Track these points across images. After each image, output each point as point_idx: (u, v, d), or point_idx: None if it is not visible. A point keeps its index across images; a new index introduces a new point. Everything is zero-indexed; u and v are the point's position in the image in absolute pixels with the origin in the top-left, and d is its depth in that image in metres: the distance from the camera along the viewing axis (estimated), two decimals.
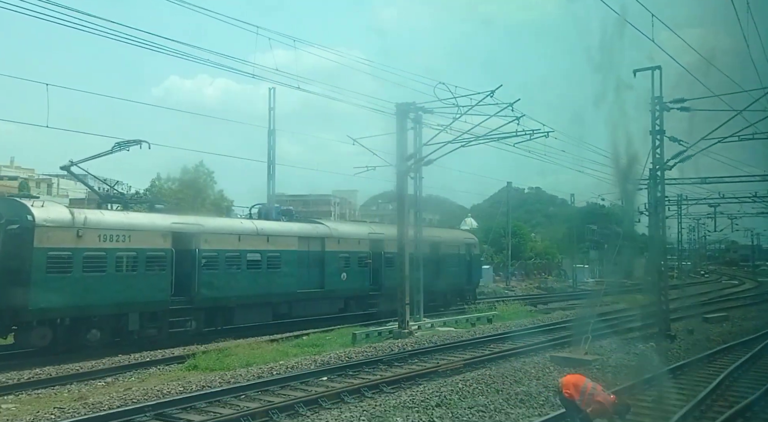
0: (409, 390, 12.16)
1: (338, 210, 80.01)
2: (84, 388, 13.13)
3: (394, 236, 26.82)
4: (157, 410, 10.55)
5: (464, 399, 11.46)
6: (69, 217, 15.70)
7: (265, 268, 20.62)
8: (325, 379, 13.36)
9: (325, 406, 11.14)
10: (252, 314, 20.47)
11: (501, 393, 11.91)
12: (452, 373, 13.91)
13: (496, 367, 14.50)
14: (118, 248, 16.52)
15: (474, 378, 13.11)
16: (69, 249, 15.49)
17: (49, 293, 15.04)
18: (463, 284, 30.14)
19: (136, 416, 10.23)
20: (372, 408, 10.68)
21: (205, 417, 10.33)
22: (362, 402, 11.36)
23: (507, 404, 11.12)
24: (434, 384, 12.61)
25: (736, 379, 13.32)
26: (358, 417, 10.15)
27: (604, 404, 8.34)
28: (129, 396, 11.52)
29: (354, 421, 10.02)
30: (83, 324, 16.06)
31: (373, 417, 10.14)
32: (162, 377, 14.20)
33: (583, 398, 8.31)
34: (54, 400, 12.00)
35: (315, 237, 22.93)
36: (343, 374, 13.85)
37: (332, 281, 23.15)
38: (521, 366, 14.54)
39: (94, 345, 16.15)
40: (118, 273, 16.56)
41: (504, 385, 12.63)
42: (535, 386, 12.48)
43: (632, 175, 15.60)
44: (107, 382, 13.72)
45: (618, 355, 15.63)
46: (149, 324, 17.48)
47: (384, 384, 12.66)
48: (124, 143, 18.33)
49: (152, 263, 17.34)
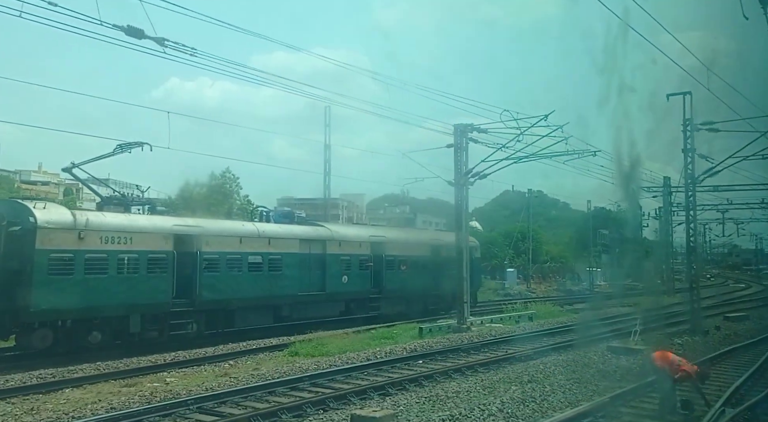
0: (498, 372, 14.28)
1: (346, 213, 79.92)
2: (216, 369, 15.22)
3: (395, 239, 27.00)
4: (313, 380, 13.04)
5: (548, 377, 13.41)
6: (71, 219, 15.70)
7: (267, 270, 20.60)
8: (421, 362, 15.54)
9: (440, 380, 13.43)
10: (253, 317, 20.44)
11: (577, 373, 13.90)
12: (526, 359, 15.94)
13: (563, 355, 16.37)
14: (120, 250, 16.51)
15: (548, 362, 15.26)
16: (71, 251, 15.48)
17: (51, 294, 15.03)
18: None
19: (298, 383, 12.74)
20: (481, 382, 12.99)
21: (352, 386, 12.49)
22: (467, 378, 13.60)
23: (593, 378, 13.20)
24: (517, 367, 14.81)
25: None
26: (474, 388, 12.42)
27: (689, 372, 10.14)
28: (260, 373, 13.97)
29: (472, 390, 12.13)
30: (84, 326, 16.04)
31: (484, 388, 12.34)
32: (276, 360, 16.24)
33: (672, 367, 10.09)
34: (201, 377, 14.14)
35: (316, 240, 22.92)
36: (434, 358, 16.19)
37: (333, 284, 23.12)
38: (583, 354, 16.26)
39: (95, 347, 16.14)
40: (120, 275, 16.54)
41: (577, 368, 14.58)
42: (606, 367, 14.75)
43: (635, 178, 15.79)
44: (231, 364, 15.72)
45: (661, 346, 17.21)
46: (150, 326, 17.45)
47: (477, 365, 15.04)
48: (126, 145, 18.33)
49: (154, 265, 17.33)
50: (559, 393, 11.80)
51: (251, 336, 19.53)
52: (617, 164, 14.30)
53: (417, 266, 26.79)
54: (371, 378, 13.62)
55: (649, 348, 13.56)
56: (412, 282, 26.27)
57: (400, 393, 12.13)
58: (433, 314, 26.94)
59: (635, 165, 14.67)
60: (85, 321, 16.04)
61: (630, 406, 10.68)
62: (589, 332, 19.08)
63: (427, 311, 26.90)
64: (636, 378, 12.15)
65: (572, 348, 17.33)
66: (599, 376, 13.44)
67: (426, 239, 29.37)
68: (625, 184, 15.57)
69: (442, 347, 17.82)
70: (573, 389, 12.21)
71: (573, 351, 16.86)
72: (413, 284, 26.31)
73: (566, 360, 15.64)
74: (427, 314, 26.40)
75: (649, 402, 10.78)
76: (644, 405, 10.73)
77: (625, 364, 14.94)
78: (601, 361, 15.60)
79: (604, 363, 15.41)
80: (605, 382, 12.73)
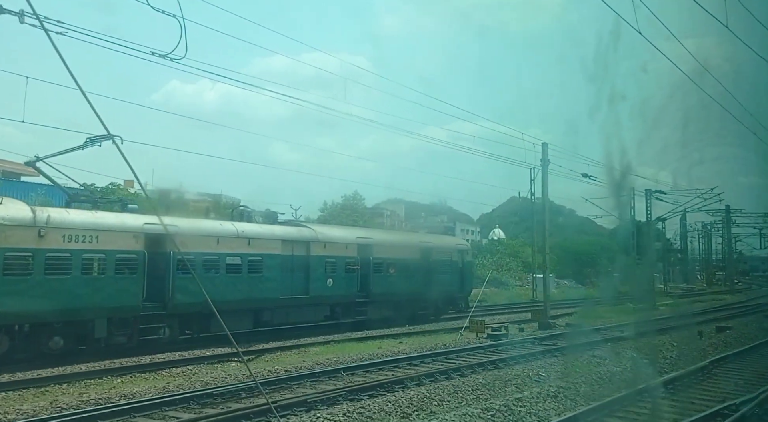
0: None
1: (389, 222, 78.69)
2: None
3: (383, 241, 25.99)
4: (380, 366, 14.39)
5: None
6: (30, 215, 14.61)
7: (246, 273, 19.56)
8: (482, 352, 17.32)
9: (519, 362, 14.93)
10: (231, 322, 19.25)
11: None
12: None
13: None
14: (85, 249, 15.44)
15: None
16: (29, 250, 14.40)
17: (6, 297, 13.94)
18: (455, 292, 29.10)
19: (384, 365, 14.61)
20: (568, 363, 14.45)
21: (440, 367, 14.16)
22: (539, 360, 15.29)
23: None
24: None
25: None
26: (550, 364, 14.35)
27: None
28: (318, 360, 15.37)
29: (547, 367, 14.22)
30: (44, 331, 14.96)
31: (568, 365, 14.13)
32: (322, 352, 17.42)
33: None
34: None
35: (300, 241, 21.88)
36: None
37: (317, 288, 22.07)
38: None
39: (56, 353, 15.06)
40: (85, 276, 15.47)
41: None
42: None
43: (625, 186, 15.36)
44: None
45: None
46: (118, 330, 16.36)
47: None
48: (96, 138, 17.25)
49: (122, 265, 16.27)
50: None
51: (228, 342, 18.49)
52: (608, 173, 13.82)
53: (406, 270, 25.79)
54: (448, 363, 15.33)
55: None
56: (400, 286, 25.28)
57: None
58: (422, 319, 25.95)
59: (626, 174, 14.11)
60: (45, 326, 14.95)
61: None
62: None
63: (416, 317, 25.90)
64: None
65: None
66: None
67: (416, 242, 28.35)
68: (617, 193, 15.14)
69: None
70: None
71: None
72: (402, 289, 25.33)
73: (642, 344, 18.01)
74: (416, 320, 25.42)
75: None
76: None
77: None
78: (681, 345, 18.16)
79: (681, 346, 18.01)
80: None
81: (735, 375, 13.78)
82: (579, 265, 59.89)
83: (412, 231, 51.96)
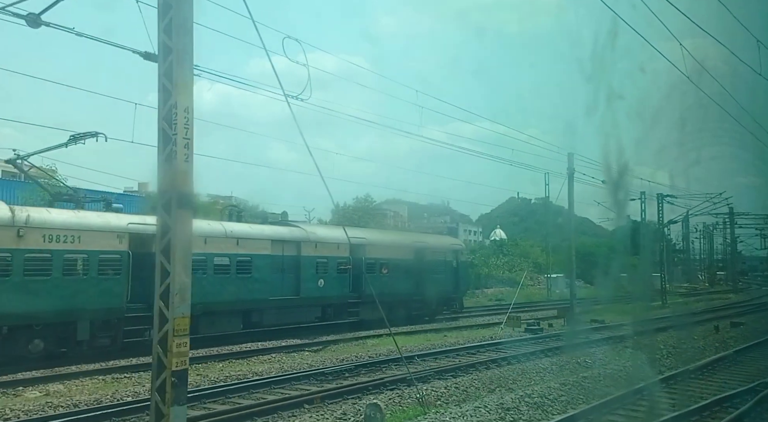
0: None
1: (392, 222, 78.30)
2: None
3: (375, 242, 25.57)
4: (445, 354, 16.98)
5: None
6: (8, 214, 14.21)
7: (235, 273, 19.18)
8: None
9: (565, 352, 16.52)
10: (219, 323, 18.96)
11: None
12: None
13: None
14: (66, 249, 15.05)
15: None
16: (8, 250, 14.02)
17: None
18: (450, 292, 28.72)
19: (447, 353, 17.18)
20: (611, 351, 16.60)
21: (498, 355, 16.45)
22: (583, 350, 16.74)
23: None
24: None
25: None
26: (593, 353, 16.12)
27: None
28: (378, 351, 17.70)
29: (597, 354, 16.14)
30: (24, 333, 14.55)
31: (613, 353, 16.30)
32: (378, 344, 19.13)
33: None
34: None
35: (290, 241, 21.49)
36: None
37: (308, 288, 21.69)
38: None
39: (36, 356, 14.66)
40: (66, 277, 15.08)
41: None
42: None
43: (623, 186, 15.08)
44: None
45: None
46: (101, 333, 15.99)
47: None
48: (80, 136, 16.87)
49: (106, 266, 15.88)
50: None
51: (219, 343, 18.14)
52: (606, 173, 13.58)
53: (400, 270, 25.41)
54: (500, 353, 17.17)
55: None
56: (394, 287, 24.86)
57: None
58: (416, 320, 25.56)
59: (623, 173, 13.87)
60: (24, 328, 14.55)
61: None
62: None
63: (411, 318, 25.50)
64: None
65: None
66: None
67: (409, 242, 27.95)
68: (614, 192, 14.89)
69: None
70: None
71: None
72: (396, 289, 24.92)
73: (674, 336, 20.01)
74: (410, 321, 25.02)
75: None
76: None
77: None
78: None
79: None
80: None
81: (756, 363, 15.83)
82: (587, 265, 60.31)
83: (405, 231, 51.58)
